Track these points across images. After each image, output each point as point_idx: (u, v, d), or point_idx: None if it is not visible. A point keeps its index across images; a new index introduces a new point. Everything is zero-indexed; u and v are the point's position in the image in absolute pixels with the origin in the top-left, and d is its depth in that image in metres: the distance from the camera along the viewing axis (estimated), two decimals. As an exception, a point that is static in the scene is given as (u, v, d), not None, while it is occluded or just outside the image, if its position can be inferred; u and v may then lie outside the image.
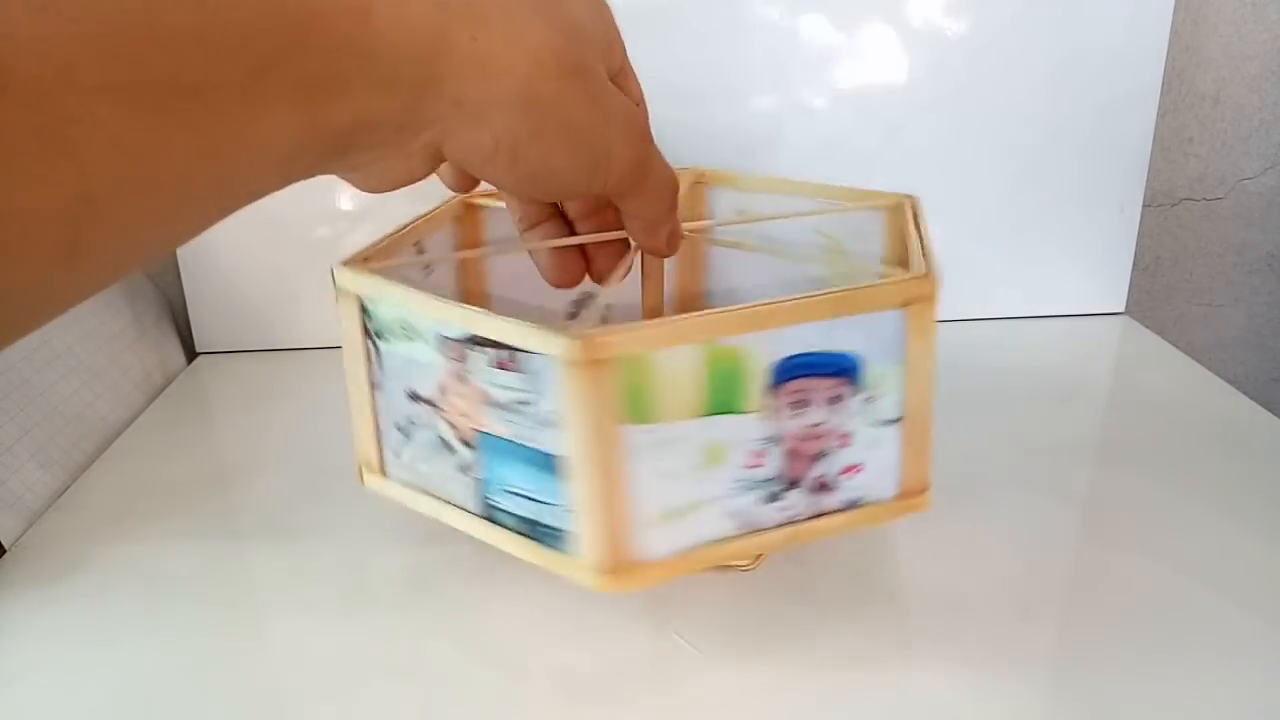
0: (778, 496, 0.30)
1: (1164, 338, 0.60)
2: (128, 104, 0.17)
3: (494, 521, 0.31)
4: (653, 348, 0.27)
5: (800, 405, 0.29)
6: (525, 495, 0.30)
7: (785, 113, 0.59)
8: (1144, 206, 0.62)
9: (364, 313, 0.32)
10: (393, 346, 0.32)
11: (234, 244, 0.60)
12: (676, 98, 0.52)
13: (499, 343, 0.28)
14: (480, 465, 0.31)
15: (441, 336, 0.30)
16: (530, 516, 0.30)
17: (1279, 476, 0.43)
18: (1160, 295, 0.72)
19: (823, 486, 0.31)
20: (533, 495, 0.29)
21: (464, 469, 0.31)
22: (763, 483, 0.30)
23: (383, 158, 0.24)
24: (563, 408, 0.27)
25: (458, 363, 0.29)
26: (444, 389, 0.30)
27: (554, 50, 0.24)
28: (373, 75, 0.21)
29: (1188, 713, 0.30)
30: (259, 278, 0.61)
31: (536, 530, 0.30)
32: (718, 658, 0.33)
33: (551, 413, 0.28)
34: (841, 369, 0.29)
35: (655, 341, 0.27)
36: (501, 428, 0.29)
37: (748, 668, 0.32)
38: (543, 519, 0.30)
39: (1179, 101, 0.66)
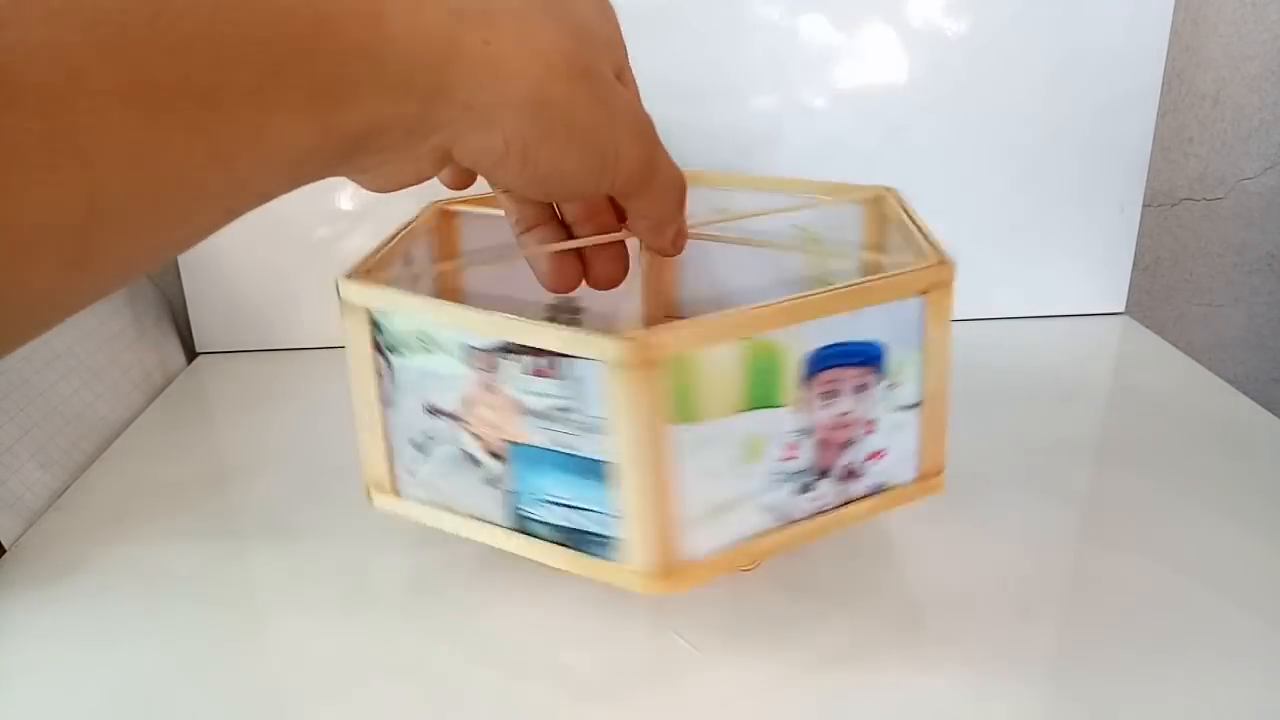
0: (810, 487, 0.30)
1: (1164, 338, 0.60)
2: (138, 108, 0.17)
3: (527, 533, 0.31)
4: (701, 346, 0.27)
5: (830, 395, 0.30)
6: (563, 503, 0.29)
7: (785, 113, 0.59)
8: (1144, 206, 0.62)
9: (374, 327, 0.31)
10: (408, 360, 0.31)
11: (234, 244, 0.60)
12: (676, 98, 0.52)
13: (537, 349, 0.27)
14: (511, 477, 0.30)
15: (468, 347, 0.29)
16: (569, 525, 0.30)
17: (1279, 476, 0.43)
18: (1160, 295, 0.72)
19: (850, 474, 0.31)
20: (572, 503, 0.29)
21: (491, 482, 0.31)
22: (796, 474, 0.30)
23: (391, 160, 0.24)
24: (610, 411, 0.27)
25: (486, 373, 0.29)
26: (469, 401, 0.30)
27: (565, 53, 0.24)
28: (385, 81, 0.21)
29: (1188, 713, 0.30)
30: (259, 278, 0.61)
31: (575, 538, 0.30)
32: (718, 658, 0.33)
33: (596, 418, 0.27)
34: (868, 358, 0.30)
35: (703, 339, 0.27)
36: (537, 436, 0.29)
37: (748, 667, 0.32)
38: (583, 526, 0.29)
39: (1179, 101, 0.66)
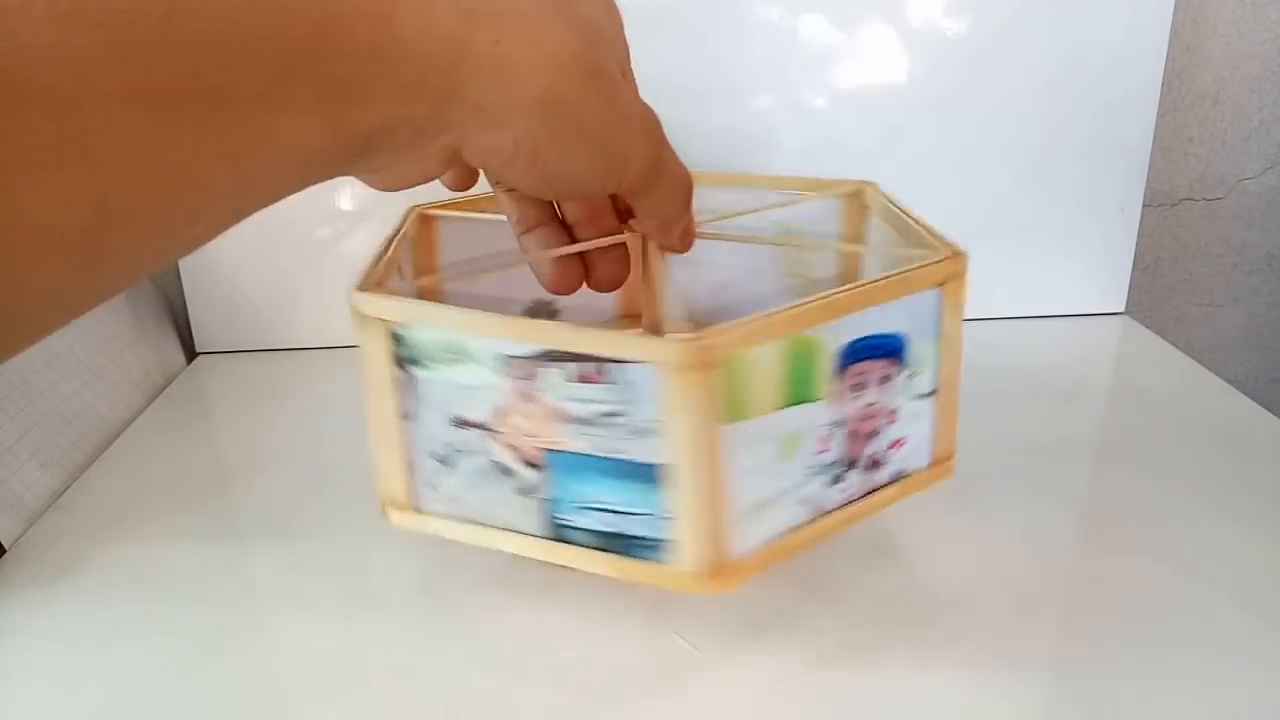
0: (840, 478, 0.31)
1: (1164, 338, 0.60)
2: (147, 109, 0.17)
3: (564, 540, 0.30)
4: (752, 345, 0.27)
5: (859, 388, 0.30)
6: (607, 508, 0.29)
7: (785, 113, 0.59)
8: (1144, 206, 0.62)
9: (393, 339, 0.30)
10: (433, 372, 0.30)
11: (234, 244, 0.60)
12: (676, 98, 0.52)
13: (584, 355, 0.27)
14: (548, 485, 0.30)
15: (503, 355, 0.28)
16: (612, 530, 0.30)
17: (1279, 476, 0.43)
18: (1160, 295, 0.72)
19: (874, 464, 0.32)
20: (616, 507, 0.29)
21: (525, 491, 0.30)
22: (828, 466, 0.31)
23: (400, 160, 0.24)
24: (665, 414, 0.27)
25: (524, 381, 0.28)
26: (502, 411, 0.29)
27: (574, 53, 0.24)
28: (394, 81, 0.21)
29: (1188, 713, 0.30)
30: (259, 278, 0.61)
31: (619, 543, 0.30)
32: (718, 658, 0.33)
33: (648, 421, 0.27)
34: (891, 349, 0.31)
35: (754, 339, 0.27)
36: (579, 443, 0.29)
37: (748, 667, 0.32)
38: (627, 530, 0.29)
39: (1179, 101, 0.66)
